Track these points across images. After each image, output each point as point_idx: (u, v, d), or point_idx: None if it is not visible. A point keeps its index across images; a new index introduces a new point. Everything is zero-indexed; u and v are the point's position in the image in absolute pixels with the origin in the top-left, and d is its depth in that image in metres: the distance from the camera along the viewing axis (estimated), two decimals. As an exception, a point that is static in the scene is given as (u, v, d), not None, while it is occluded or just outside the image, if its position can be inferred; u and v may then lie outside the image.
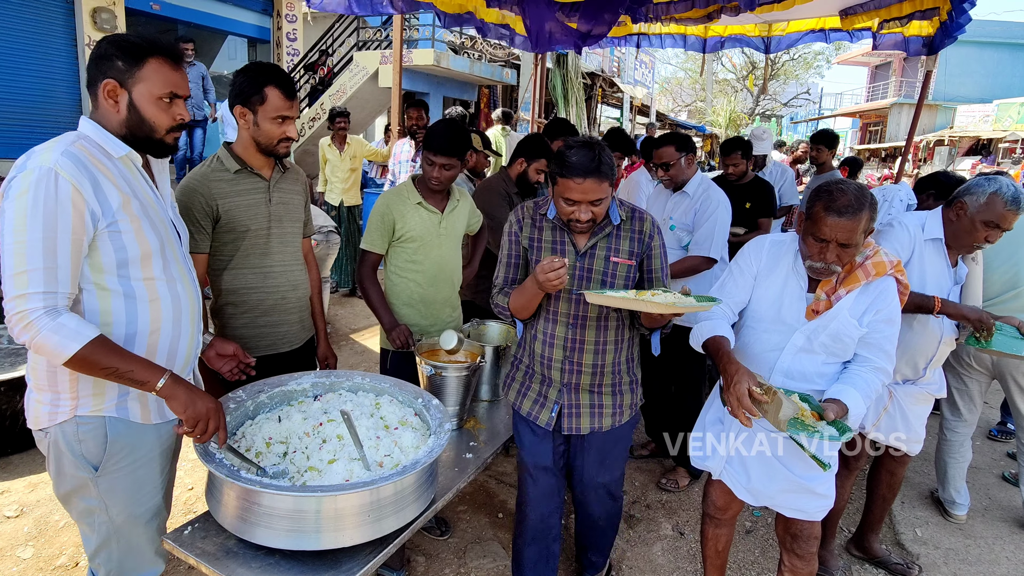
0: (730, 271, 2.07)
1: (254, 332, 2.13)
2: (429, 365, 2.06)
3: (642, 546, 2.81)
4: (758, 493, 2.00)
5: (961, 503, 3.06)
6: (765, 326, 1.95)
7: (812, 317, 1.85)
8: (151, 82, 1.45)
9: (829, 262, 1.76)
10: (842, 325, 1.83)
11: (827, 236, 1.73)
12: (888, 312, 1.84)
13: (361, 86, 10.59)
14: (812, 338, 1.87)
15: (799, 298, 1.90)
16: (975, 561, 2.79)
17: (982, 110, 24.20)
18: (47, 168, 1.29)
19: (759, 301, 1.97)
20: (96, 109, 1.45)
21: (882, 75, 32.03)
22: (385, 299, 2.49)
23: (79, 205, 1.32)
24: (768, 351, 1.93)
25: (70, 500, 1.52)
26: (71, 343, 1.29)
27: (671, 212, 3.13)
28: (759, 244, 2.03)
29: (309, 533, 1.41)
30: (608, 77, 16.22)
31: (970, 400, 2.97)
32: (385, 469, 1.57)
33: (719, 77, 32.23)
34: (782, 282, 1.93)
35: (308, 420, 1.74)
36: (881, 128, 30.39)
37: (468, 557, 2.64)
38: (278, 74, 1.95)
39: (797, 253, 1.93)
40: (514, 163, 3.15)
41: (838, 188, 1.75)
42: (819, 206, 1.75)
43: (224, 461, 1.45)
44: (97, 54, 1.43)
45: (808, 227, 1.80)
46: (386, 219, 2.42)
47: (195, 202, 1.96)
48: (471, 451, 2.03)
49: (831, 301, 1.84)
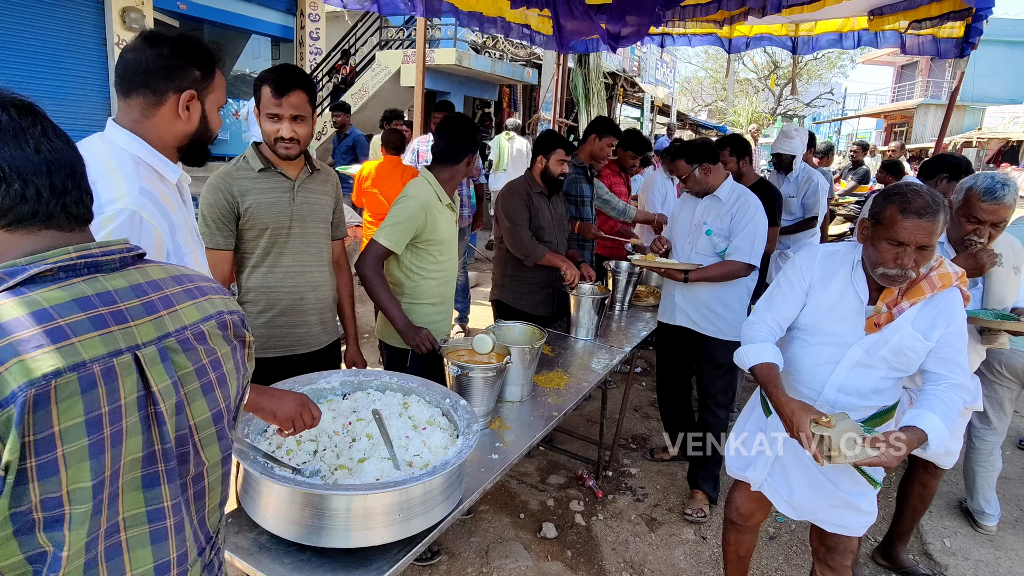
0: (778, 283, 2.01)
1: (272, 331, 2.15)
2: (456, 365, 2.07)
3: (664, 550, 2.80)
4: (800, 507, 1.95)
5: (991, 513, 3.00)
6: (819, 339, 1.89)
7: (873, 330, 1.79)
8: (219, 92, 1.42)
9: (907, 267, 1.68)
10: (905, 338, 1.77)
11: (906, 239, 1.65)
12: (959, 324, 1.78)
13: (383, 85, 10.68)
14: (872, 352, 1.81)
15: (857, 311, 1.83)
16: (1006, 574, 2.74)
17: (1012, 111, 23.62)
18: (131, 212, 1.21)
19: (812, 313, 1.91)
20: (148, 119, 1.33)
21: (908, 75, 31.43)
22: (394, 297, 2.40)
23: (159, 248, 1.28)
24: (821, 364, 1.88)
25: None
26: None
27: (704, 217, 3.03)
28: (811, 255, 1.98)
29: (339, 531, 1.43)
30: (629, 77, 16.13)
31: (1000, 408, 2.91)
32: (415, 469, 1.58)
33: (740, 77, 31.88)
34: (838, 294, 1.86)
35: (337, 419, 1.76)
36: (907, 129, 29.81)
37: (490, 557, 2.65)
38: (276, 72, 1.96)
39: (856, 263, 1.86)
40: (535, 163, 3.17)
41: (911, 190, 1.68)
42: (893, 208, 1.68)
43: (259, 459, 1.47)
44: (164, 61, 1.31)
45: (880, 232, 1.72)
46: (418, 221, 2.35)
47: (219, 199, 1.99)
48: (496, 452, 2.03)
49: (893, 314, 1.77)
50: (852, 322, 1.83)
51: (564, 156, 3.16)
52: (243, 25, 10.74)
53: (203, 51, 1.38)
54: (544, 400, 2.38)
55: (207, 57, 1.38)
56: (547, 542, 2.79)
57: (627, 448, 3.71)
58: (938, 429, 1.66)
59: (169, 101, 1.34)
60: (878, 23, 4.53)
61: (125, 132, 1.33)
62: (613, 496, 3.19)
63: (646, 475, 3.41)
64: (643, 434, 3.89)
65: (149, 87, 1.32)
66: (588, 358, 2.86)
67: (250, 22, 10.79)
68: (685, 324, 3.06)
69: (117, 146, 1.32)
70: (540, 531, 2.84)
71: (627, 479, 3.36)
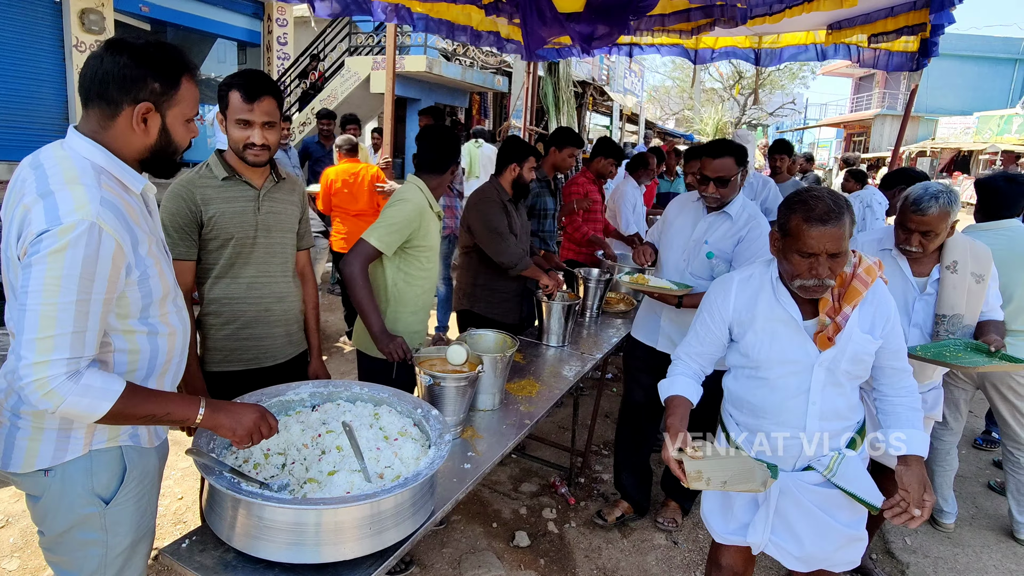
0: (693, 326, 1.91)
1: (236, 344, 2.10)
2: (428, 375, 2.06)
3: (636, 555, 2.82)
4: (812, 558, 1.80)
5: (949, 512, 3.10)
6: (777, 372, 1.75)
7: (828, 345, 1.69)
8: (185, 104, 1.35)
9: (823, 277, 1.61)
10: (858, 344, 1.70)
11: (815, 249, 1.59)
12: (893, 311, 1.76)
13: (352, 91, 10.60)
14: (833, 368, 1.71)
15: (797, 329, 1.73)
16: (964, 570, 2.83)
17: (963, 122, 24.70)
18: (90, 223, 1.17)
19: (755, 346, 1.77)
20: (105, 130, 1.29)
21: (866, 87, 32.57)
22: (375, 301, 2.37)
23: (119, 262, 1.23)
24: (792, 398, 1.75)
25: (60, 539, 1.40)
26: (102, 403, 1.20)
27: (707, 235, 2.64)
28: (724, 287, 1.85)
29: (309, 546, 1.40)
30: (598, 85, 16.33)
31: (956, 409, 3.01)
32: (386, 481, 1.56)
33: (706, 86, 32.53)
34: (769, 319, 1.76)
35: (306, 431, 1.73)
36: (864, 138, 30.85)
37: (463, 567, 2.63)
38: (244, 77, 1.91)
39: (775, 281, 1.77)
40: (505, 171, 3.16)
41: (812, 196, 1.62)
42: (797, 218, 1.61)
43: (225, 474, 1.43)
44: (119, 71, 1.25)
45: (789, 244, 1.65)
46: (412, 225, 2.33)
47: (181, 208, 1.94)
48: (469, 461, 2.02)
49: (839, 323, 1.68)
50: (799, 343, 1.73)
51: (535, 164, 3.20)
52: (208, 29, 10.56)
53: (166, 60, 1.31)
54: (516, 408, 2.38)
55: (170, 67, 1.31)
56: (520, 551, 2.78)
57: (599, 454, 3.73)
58: (925, 443, 1.67)
59: (124, 113, 1.29)
60: (837, 36, 4.69)
61: (86, 140, 1.29)
62: (585, 503, 3.20)
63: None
64: (614, 440, 3.91)
65: (104, 98, 1.27)
66: (560, 365, 2.87)
67: (216, 26, 10.61)
68: (668, 351, 2.76)
69: (78, 155, 1.28)
70: (513, 540, 2.84)
71: (599, 485, 3.38)
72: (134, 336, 1.36)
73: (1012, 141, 21.00)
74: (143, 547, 1.54)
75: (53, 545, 1.42)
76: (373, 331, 2.28)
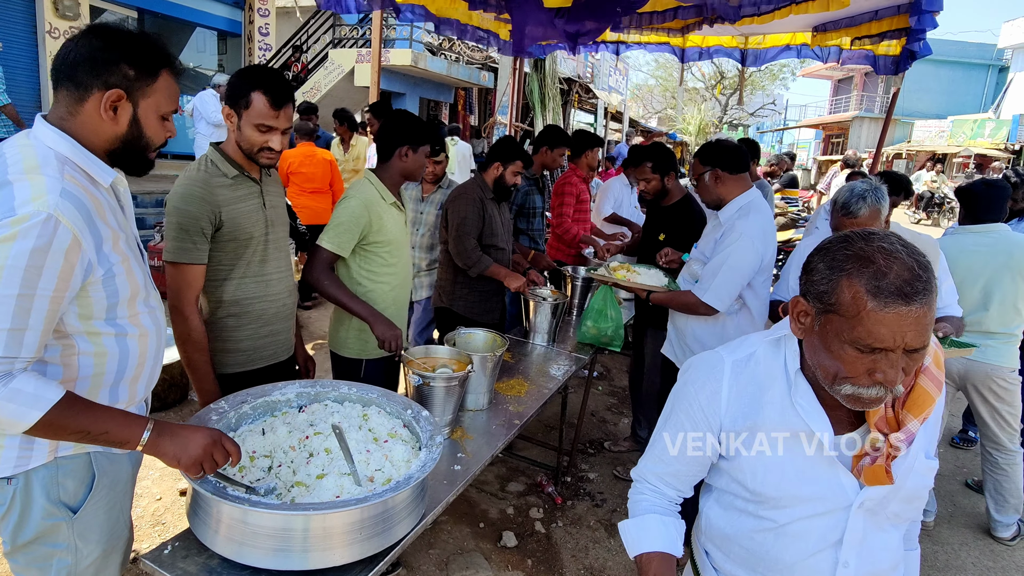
0: (662, 429, 1.28)
1: (257, 343, 2.05)
2: (418, 375, 2.02)
3: (623, 555, 2.81)
4: None
5: (929, 510, 3.14)
6: (791, 513, 1.13)
7: (884, 480, 1.05)
8: (161, 98, 1.29)
9: (892, 384, 0.97)
10: (921, 476, 1.12)
11: (886, 342, 0.94)
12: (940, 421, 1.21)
13: (336, 84, 10.47)
14: (878, 511, 1.11)
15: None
16: (943, 567, 2.88)
17: (938, 126, 25.19)
18: (46, 215, 1.09)
19: (753, 475, 1.15)
20: (74, 116, 1.23)
21: (844, 89, 33.05)
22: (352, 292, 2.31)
23: (73, 257, 1.15)
24: (814, 555, 1.13)
25: (26, 549, 1.32)
26: (30, 411, 1.10)
27: (703, 238, 2.70)
28: (711, 373, 1.20)
29: (297, 553, 1.36)
30: (584, 83, 16.36)
31: (938, 410, 3.04)
32: (376, 484, 1.53)
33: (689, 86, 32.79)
34: (781, 428, 1.12)
35: (293, 433, 1.68)
36: (843, 140, 31.31)
37: (451, 569, 2.60)
38: (271, 79, 1.84)
39: (792, 373, 1.12)
40: (489, 168, 3.12)
41: (882, 251, 0.96)
42: (856, 289, 0.95)
43: (210, 478, 1.39)
44: (91, 53, 1.19)
45: (838, 328, 0.99)
46: (362, 222, 2.28)
47: (204, 211, 1.82)
48: (459, 462, 1.99)
49: (896, 445, 1.06)
50: (828, 472, 1.10)
51: (521, 169, 3.15)
52: (187, 17, 10.31)
53: (145, 47, 1.25)
54: (506, 408, 2.36)
55: (148, 55, 1.25)
56: (508, 551, 2.76)
57: (585, 453, 3.72)
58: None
59: (93, 98, 1.22)
60: (821, 39, 4.74)
61: (52, 129, 1.22)
62: (572, 502, 3.19)
63: (604, 480, 3.42)
64: (600, 439, 3.91)
65: (73, 80, 1.21)
66: (547, 364, 2.85)
67: (195, 14, 10.37)
68: (667, 354, 2.87)
69: (43, 144, 1.21)
70: (500, 540, 2.81)
71: (586, 484, 3.37)
72: (100, 338, 1.29)
73: (985, 145, 21.46)
74: (116, 556, 1.47)
75: (19, 556, 1.35)
76: (367, 318, 2.22)
